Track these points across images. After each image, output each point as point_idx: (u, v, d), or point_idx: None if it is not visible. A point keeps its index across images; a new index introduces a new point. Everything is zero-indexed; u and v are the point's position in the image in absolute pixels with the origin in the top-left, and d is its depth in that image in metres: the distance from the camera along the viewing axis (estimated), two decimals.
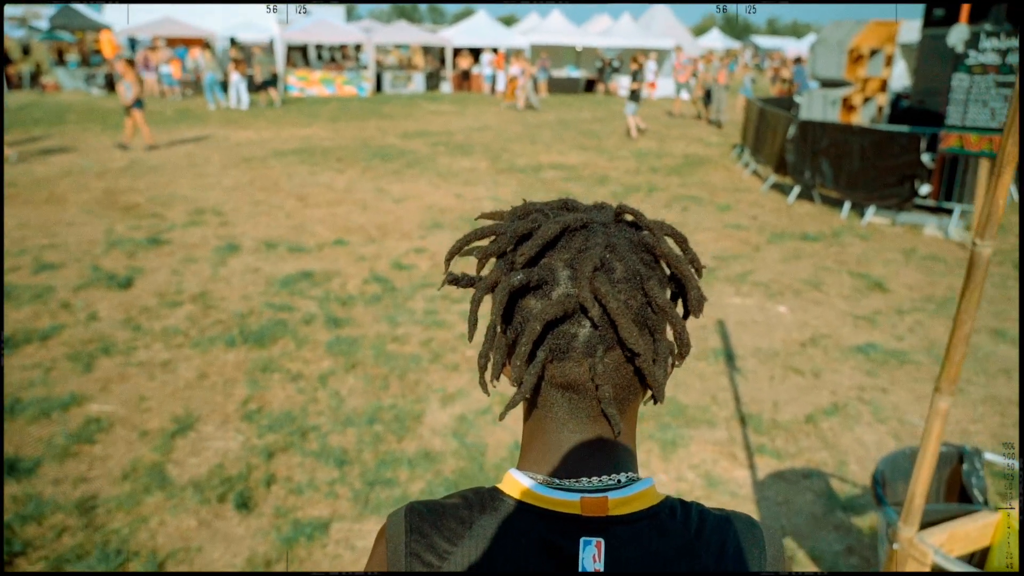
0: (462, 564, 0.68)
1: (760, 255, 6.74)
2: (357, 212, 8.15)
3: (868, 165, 7.71)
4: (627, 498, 0.69)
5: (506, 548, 0.67)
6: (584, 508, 0.67)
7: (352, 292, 5.69)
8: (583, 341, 0.67)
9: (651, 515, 0.69)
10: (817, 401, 4.07)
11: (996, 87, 6.31)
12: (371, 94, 22.88)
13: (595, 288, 0.65)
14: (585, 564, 0.66)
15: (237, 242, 6.92)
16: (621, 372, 0.69)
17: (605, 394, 0.68)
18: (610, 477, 0.70)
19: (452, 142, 13.56)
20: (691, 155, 12.72)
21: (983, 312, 5.36)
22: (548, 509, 0.68)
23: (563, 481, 0.70)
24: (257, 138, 13.52)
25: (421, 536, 0.69)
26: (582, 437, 0.71)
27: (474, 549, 0.68)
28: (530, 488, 0.69)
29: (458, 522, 0.69)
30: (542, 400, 0.71)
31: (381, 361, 4.54)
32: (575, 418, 0.71)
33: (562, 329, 0.67)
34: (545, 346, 0.68)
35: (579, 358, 0.67)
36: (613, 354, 0.68)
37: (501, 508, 0.69)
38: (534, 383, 0.68)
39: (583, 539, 0.67)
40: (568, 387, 0.69)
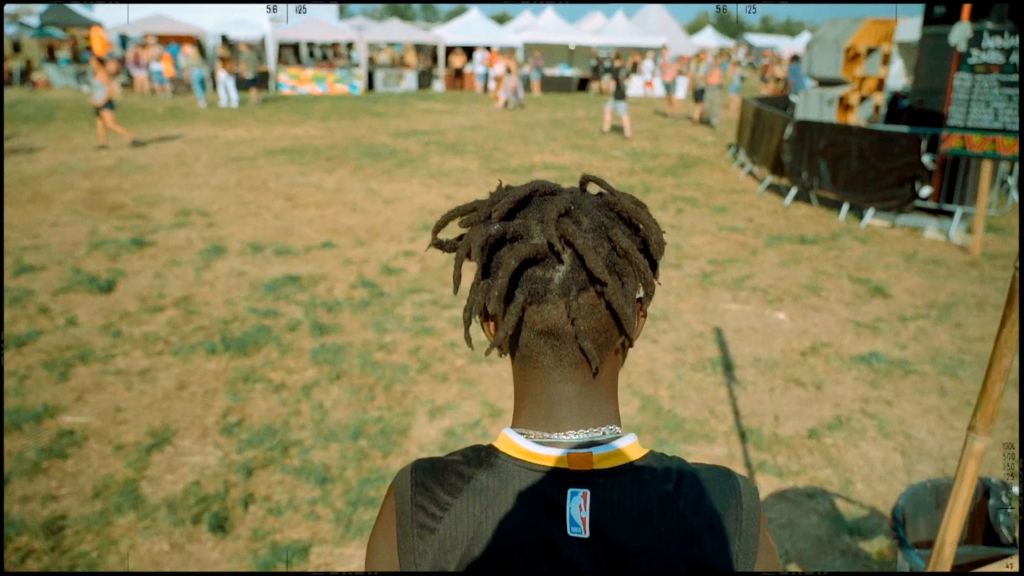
0: (461, 514, 0.73)
1: (757, 259, 6.60)
2: (346, 213, 7.98)
3: (867, 166, 7.58)
4: (610, 453, 0.74)
5: (501, 499, 0.73)
6: (571, 462, 0.73)
7: (339, 297, 5.53)
8: (558, 283, 0.72)
9: (633, 469, 0.74)
10: (819, 414, 3.93)
11: (999, 87, 6.18)
12: (363, 92, 22.69)
13: (562, 229, 0.71)
14: (572, 513, 0.71)
15: (223, 244, 6.75)
16: (596, 314, 0.73)
17: (580, 327, 0.73)
18: (596, 430, 0.76)
19: (444, 141, 13.39)
20: (686, 155, 12.58)
21: (988, 319, 5.23)
22: (538, 464, 0.74)
23: (552, 435, 0.76)
24: (247, 137, 13.33)
25: (425, 489, 0.75)
26: (567, 387, 0.76)
27: (472, 500, 0.74)
28: (521, 445, 0.75)
29: (458, 476, 0.75)
30: (528, 351, 0.76)
31: (367, 371, 4.38)
32: (559, 365, 0.75)
33: (538, 274, 0.72)
34: (523, 289, 0.72)
35: (556, 300, 0.72)
36: (587, 295, 0.72)
37: (496, 463, 0.75)
38: (514, 323, 0.73)
39: (570, 490, 0.72)
40: (549, 333, 0.73)
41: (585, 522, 0.71)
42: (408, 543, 0.75)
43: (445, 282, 5.88)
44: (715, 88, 16.34)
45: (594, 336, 0.74)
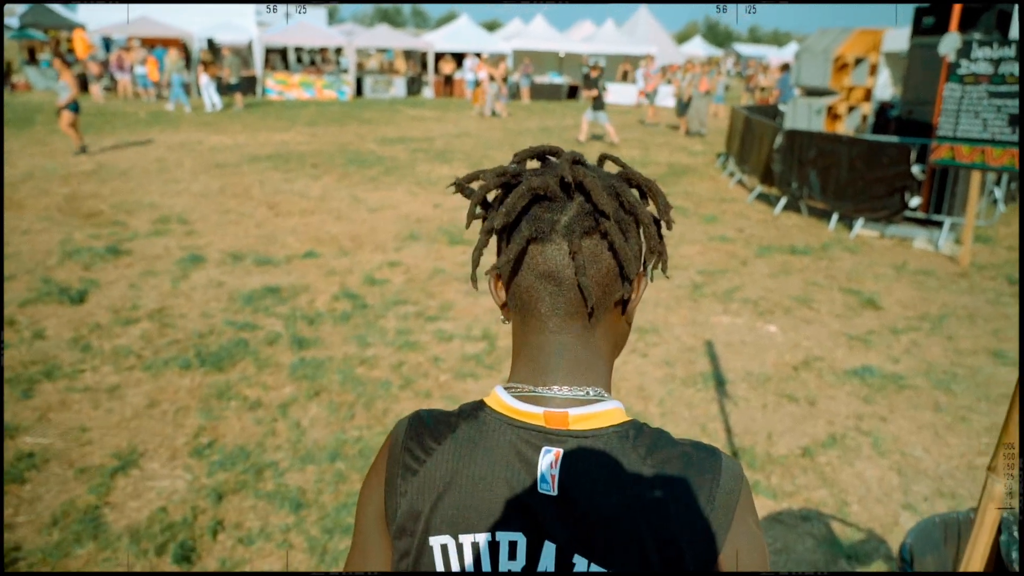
0: (441, 460, 0.77)
1: (748, 270, 6.51)
2: (330, 222, 7.82)
3: (857, 176, 7.52)
4: (587, 415, 0.75)
5: (479, 450, 0.76)
6: (547, 421, 0.75)
7: (320, 309, 5.37)
8: (564, 224, 0.74)
9: (609, 434, 0.74)
10: (813, 432, 3.82)
11: (988, 97, 6.13)
12: (351, 98, 22.53)
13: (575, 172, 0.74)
14: (543, 469, 0.73)
15: (202, 253, 6.57)
16: (599, 262, 0.75)
17: (580, 263, 0.73)
18: (581, 389, 0.77)
19: (432, 148, 13.27)
20: (675, 164, 12.52)
21: (979, 331, 5.15)
22: (517, 420, 0.76)
23: (537, 388, 0.77)
24: (232, 143, 13.14)
25: (416, 434, 0.80)
26: (560, 338, 0.77)
27: (453, 449, 0.77)
28: (505, 400, 0.78)
29: (446, 426, 0.80)
30: (527, 296, 0.77)
31: (348, 387, 4.22)
32: (555, 313, 0.77)
33: (546, 214, 0.74)
34: (530, 224, 0.75)
35: (559, 240, 0.74)
36: (590, 239, 0.74)
37: (481, 416, 0.79)
38: (517, 252, 0.75)
39: (544, 448, 0.74)
40: (549, 275, 0.75)
41: (554, 479, 0.73)
42: (393, 482, 0.79)
43: (430, 293, 5.74)
44: (703, 97, 16.26)
45: (593, 278, 0.75)
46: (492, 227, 0.78)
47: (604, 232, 0.74)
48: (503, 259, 0.78)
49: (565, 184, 0.75)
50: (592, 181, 0.74)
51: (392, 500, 0.79)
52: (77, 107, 11.09)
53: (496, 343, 4.84)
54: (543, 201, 0.76)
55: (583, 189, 0.75)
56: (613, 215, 0.74)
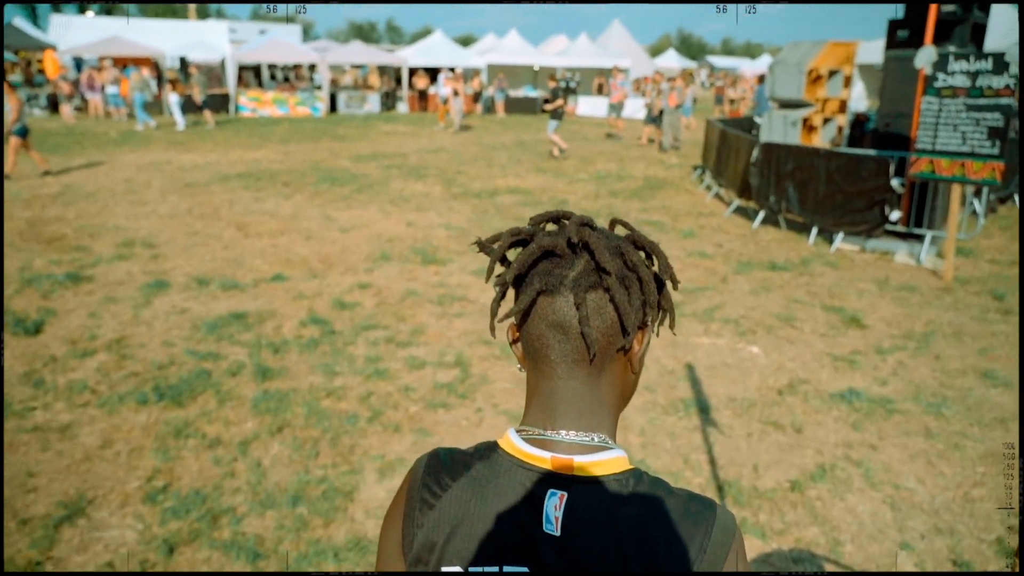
0: (456, 496, 0.84)
1: (728, 287, 6.38)
2: (300, 242, 7.59)
3: (836, 190, 7.45)
4: (592, 462, 0.82)
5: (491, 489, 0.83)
6: (553, 465, 0.81)
7: (287, 336, 5.14)
8: (571, 280, 0.81)
9: (611, 481, 0.81)
10: (802, 463, 3.66)
11: (967, 111, 6.09)
12: (325, 115, 22.31)
13: (582, 233, 0.83)
14: (548, 511, 0.80)
15: (166, 278, 6.32)
16: (602, 314, 0.82)
17: (584, 313, 0.80)
18: (587, 435, 0.83)
19: (406, 165, 13.08)
20: (651, 177, 12.44)
21: (967, 350, 5.04)
22: (527, 462, 0.83)
23: (546, 432, 0.84)
24: (202, 161, 12.86)
25: (433, 472, 0.87)
26: (569, 384, 0.84)
27: (467, 486, 0.84)
28: (516, 443, 0.84)
29: (462, 465, 0.86)
30: (538, 344, 0.84)
31: (313, 421, 4.00)
32: (564, 360, 0.83)
33: (555, 270, 0.82)
34: (540, 279, 0.82)
35: (567, 293, 0.81)
36: (595, 293, 0.81)
37: (493, 458, 0.85)
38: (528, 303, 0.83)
39: (550, 491, 0.80)
40: (557, 325, 0.82)
41: (558, 521, 0.78)
42: (412, 515, 0.85)
43: (401, 317, 5.54)
44: (674, 112, 16.09)
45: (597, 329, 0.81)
46: (505, 280, 0.85)
47: (607, 287, 0.81)
48: (515, 308, 0.84)
49: (572, 243, 0.83)
50: (596, 241, 0.81)
51: (410, 531, 0.85)
52: (24, 131, 10.65)
53: (469, 370, 4.65)
54: (553, 258, 0.83)
55: (588, 248, 0.82)
56: (616, 272, 0.81)
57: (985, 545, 3.15)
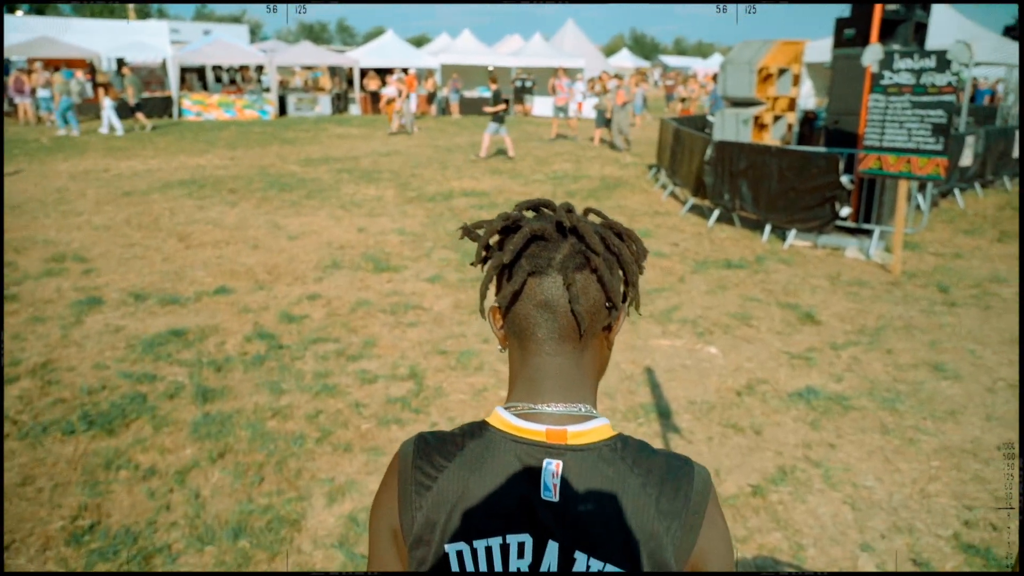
0: (453, 475, 0.87)
1: (685, 287, 6.34)
2: (246, 252, 7.31)
3: (788, 187, 7.49)
4: (583, 431, 0.87)
5: (487, 464, 0.87)
6: (548, 437, 0.87)
7: (230, 353, 4.90)
8: (559, 261, 0.87)
9: (601, 447, 0.87)
10: (762, 465, 3.60)
11: (912, 108, 6.15)
12: (274, 117, 21.79)
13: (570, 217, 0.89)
14: (546, 479, 0.85)
15: (99, 294, 5.99)
16: (589, 293, 0.87)
17: (574, 292, 0.86)
18: (573, 405, 0.89)
19: (358, 168, 12.81)
20: (608, 177, 12.41)
21: (917, 343, 5.08)
22: (520, 436, 0.87)
23: (536, 406, 0.89)
24: (142, 168, 12.37)
25: (425, 454, 0.90)
26: (555, 360, 0.89)
27: (463, 464, 0.88)
28: (507, 419, 0.89)
29: (453, 445, 0.90)
30: (524, 323, 0.89)
31: (257, 444, 3.79)
32: (551, 338, 0.88)
33: (544, 253, 0.87)
34: (529, 261, 0.87)
35: (555, 274, 0.87)
36: (582, 274, 0.87)
37: (486, 435, 0.89)
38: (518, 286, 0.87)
39: (546, 460, 0.86)
40: (545, 304, 0.87)
41: (556, 488, 0.85)
42: (407, 498, 0.89)
43: (352, 329, 5.34)
44: (622, 110, 16.02)
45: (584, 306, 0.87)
46: (498, 264, 0.89)
47: (594, 268, 0.87)
48: (507, 290, 0.88)
49: (560, 227, 0.88)
50: (584, 225, 0.88)
51: (407, 515, 0.87)
52: None
53: (424, 382, 4.48)
54: (540, 241, 0.88)
55: (577, 232, 0.88)
56: (602, 253, 0.87)
57: (943, 542, 3.13)
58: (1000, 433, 3.89)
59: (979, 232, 8.42)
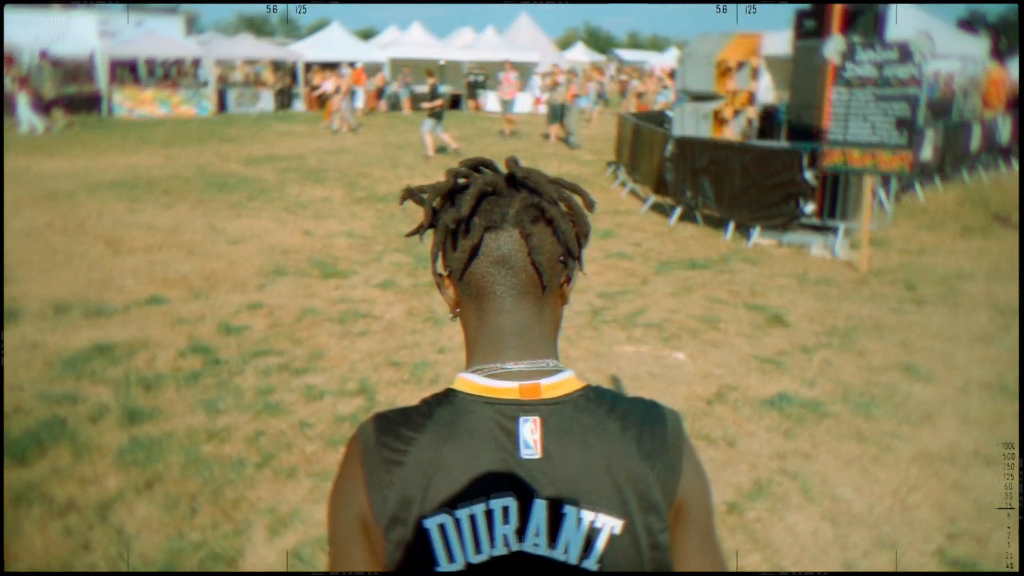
0: (425, 445, 0.83)
1: (649, 289, 6.13)
2: (181, 258, 6.83)
3: (751, 183, 7.36)
4: (555, 383, 0.86)
5: (461, 429, 0.83)
6: (522, 393, 0.84)
7: (162, 370, 4.48)
8: (513, 214, 0.85)
9: (574, 398, 0.86)
10: (737, 480, 3.39)
11: (876, 101, 6.07)
12: (214, 114, 20.95)
13: (520, 169, 0.88)
14: (524, 437, 0.83)
15: (16, 307, 5.47)
16: (546, 244, 0.86)
17: (533, 243, 0.85)
18: (540, 361, 0.87)
19: (303, 167, 12.31)
20: (565, 175, 12.11)
21: (887, 344, 4.97)
22: (492, 396, 0.85)
23: (503, 364, 0.86)
24: (69, 168, 11.63)
25: (388, 430, 0.85)
26: (516, 317, 0.88)
27: (435, 432, 0.83)
28: (476, 381, 0.86)
29: (419, 415, 0.85)
30: (482, 283, 0.87)
31: (190, 472, 3.41)
32: (510, 293, 0.87)
33: (496, 208, 0.86)
34: (483, 217, 0.85)
35: (511, 228, 0.85)
36: (537, 226, 0.86)
37: (455, 400, 0.86)
38: (474, 243, 0.85)
39: (521, 417, 0.83)
40: (502, 260, 0.86)
41: (536, 444, 0.83)
42: (376, 477, 0.82)
43: (298, 340, 4.97)
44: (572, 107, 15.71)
45: (544, 258, 0.86)
46: (453, 219, 0.85)
47: (550, 218, 0.86)
48: (463, 247, 0.85)
49: (512, 180, 0.89)
50: (537, 176, 0.89)
51: (378, 496, 0.82)
52: None
53: (375, 397, 4.15)
54: (492, 196, 0.87)
55: (528, 184, 0.88)
56: (557, 203, 0.88)
57: (927, 557, 2.98)
58: (976, 437, 3.78)
59: (941, 227, 8.47)
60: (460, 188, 0.88)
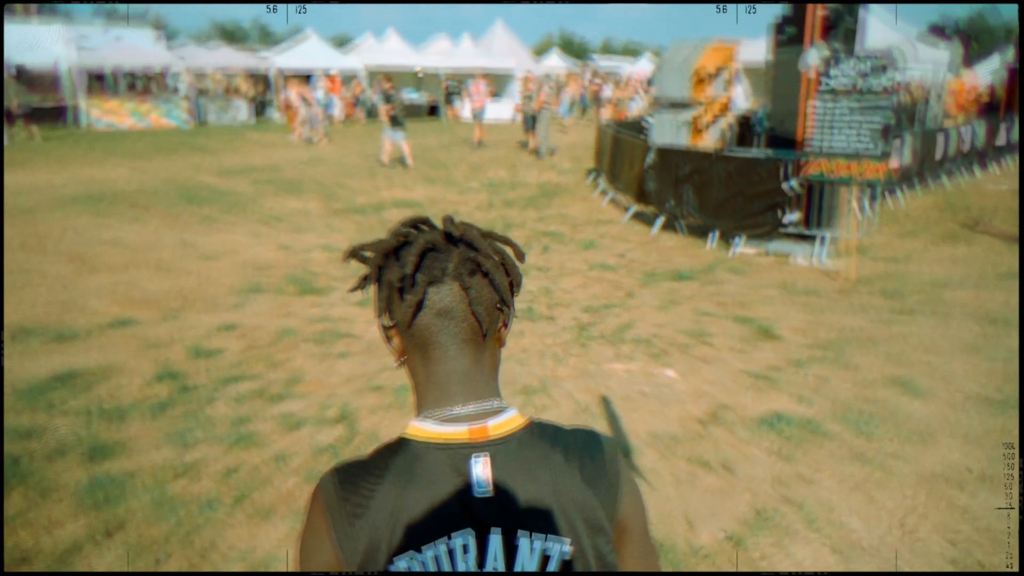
0: (386, 495, 0.88)
1: (635, 302, 6.00)
2: (152, 276, 6.58)
3: (734, 192, 7.27)
4: (501, 423, 0.92)
5: (417, 475, 0.88)
6: (471, 435, 0.90)
7: (128, 400, 4.25)
8: (452, 268, 0.91)
9: (519, 435, 0.92)
10: (736, 509, 3.25)
11: (855, 111, 6.00)
12: (191, 125, 20.58)
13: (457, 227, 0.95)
14: (476, 474, 0.88)
15: None
16: (483, 295, 0.92)
17: (473, 296, 0.91)
18: (485, 402, 0.93)
19: (280, 179, 12.06)
20: (546, 184, 12.07)
21: (879, 357, 4.87)
22: (443, 441, 0.90)
23: (450, 409, 0.92)
24: (33, 182, 11.29)
25: (350, 484, 0.89)
26: (460, 363, 0.93)
27: (393, 482, 0.88)
28: (427, 428, 0.92)
29: (377, 467, 0.90)
30: (427, 334, 0.92)
31: (159, 514, 3.20)
32: (454, 342, 0.93)
33: (437, 263, 0.92)
34: (425, 273, 0.91)
35: (451, 282, 0.91)
36: (475, 278, 0.92)
37: (410, 448, 0.91)
38: (419, 298, 0.91)
39: (472, 458, 0.89)
40: (445, 312, 0.92)
41: (488, 481, 0.88)
42: (342, 531, 0.87)
43: (274, 363, 4.76)
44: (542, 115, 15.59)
45: (483, 308, 0.92)
46: (398, 276, 0.91)
47: (486, 271, 0.93)
48: (409, 302, 0.91)
49: (449, 237, 0.95)
50: (472, 233, 0.95)
51: (347, 547, 0.87)
52: None
53: (356, 426, 3.97)
54: (432, 252, 0.93)
55: (466, 240, 0.95)
56: (492, 257, 0.95)
57: None
58: (977, 456, 3.67)
59: (920, 234, 8.45)
60: (401, 245, 0.94)
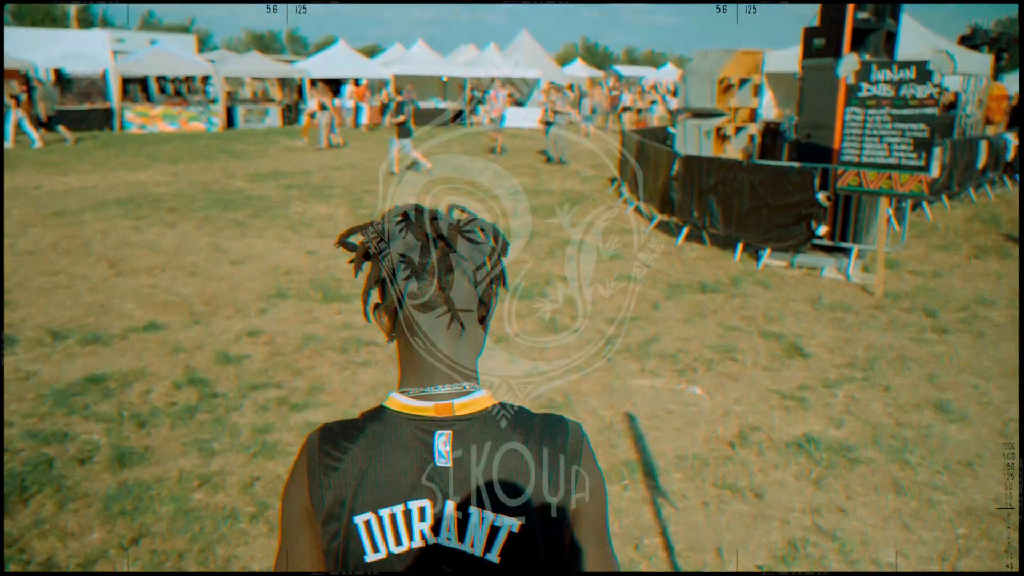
0: (357, 454, 0.98)
1: (660, 315, 5.92)
2: (183, 280, 6.65)
3: (760, 204, 7.16)
4: (467, 402, 1.00)
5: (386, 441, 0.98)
6: (436, 411, 0.99)
7: (157, 404, 4.29)
8: (431, 265, 0.98)
9: (484, 415, 1.00)
10: (768, 539, 3.16)
11: (892, 121, 5.87)
12: (222, 130, 20.91)
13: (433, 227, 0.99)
14: (438, 448, 0.97)
15: (13, 332, 5.32)
16: (461, 287, 0.99)
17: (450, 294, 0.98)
18: (457, 384, 1.01)
19: (308, 184, 12.16)
20: (569, 191, 12.02)
21: (915, 378, 4.74)
22: (413, 414, 0.99)
23: (426, 389, 1.00)
24: (77, 185, 11.53)
25: (330, 440, 1.00)
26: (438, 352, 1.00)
27: (365, 444, 0.98)
28: (401, 401, 1.00)
29: (355, 429, 1.00)
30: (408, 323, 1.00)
31: (179, 525, 3.21)
32: (433, 332, 1.00)
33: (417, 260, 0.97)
34: (405, 272, 0.97)
35: (430, 278, 0.98)
36: (453, 275, 0.98)
37: (384, 416, 1.00)
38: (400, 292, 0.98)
39: (436, 431, 0.98)
40: (425, 305, 0.98)
41: (448, 454, 0.97)
42: (316, 480, 0.98)
43: (298, 370, 4.78)
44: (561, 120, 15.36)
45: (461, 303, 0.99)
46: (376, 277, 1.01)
47: (464, 269, 0.99)
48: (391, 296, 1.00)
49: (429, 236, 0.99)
50: (450, 233, 0.99)
51: (317, 495, 0.97)
52: None
53: None
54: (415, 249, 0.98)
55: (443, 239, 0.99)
56: (468, 254, 1.00)
57: None
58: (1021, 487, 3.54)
59: (954, 248, 8.24)
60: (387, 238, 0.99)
